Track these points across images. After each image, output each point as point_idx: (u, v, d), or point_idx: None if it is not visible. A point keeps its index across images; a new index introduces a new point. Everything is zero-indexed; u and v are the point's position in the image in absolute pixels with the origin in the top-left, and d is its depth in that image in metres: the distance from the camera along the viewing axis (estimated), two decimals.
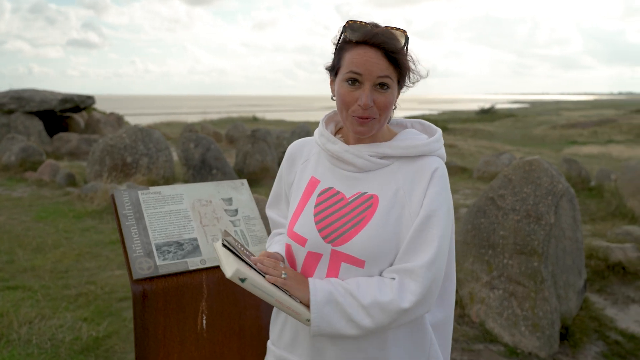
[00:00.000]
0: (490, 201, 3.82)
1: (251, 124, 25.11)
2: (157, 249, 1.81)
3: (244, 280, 1.14)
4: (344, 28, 1.26)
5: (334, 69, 1.30)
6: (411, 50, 1.28)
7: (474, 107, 58.71)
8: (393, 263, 1.26)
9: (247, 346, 1.92)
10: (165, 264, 1.79)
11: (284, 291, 1.18)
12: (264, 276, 1.18)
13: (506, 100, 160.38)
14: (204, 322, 1.84)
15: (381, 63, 1.21)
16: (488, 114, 44.71)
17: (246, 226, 1.99)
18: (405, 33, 1.25)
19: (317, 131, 1.40)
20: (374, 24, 1.24)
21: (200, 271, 1.84)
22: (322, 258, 1.28)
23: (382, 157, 1.31)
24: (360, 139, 1.31)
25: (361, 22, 1.25)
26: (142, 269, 1.76)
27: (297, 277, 1.24)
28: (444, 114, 53.34)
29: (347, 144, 1.34)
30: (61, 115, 15.84)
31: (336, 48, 1.29)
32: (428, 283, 1.20)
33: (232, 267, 1.14)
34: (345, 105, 1.25)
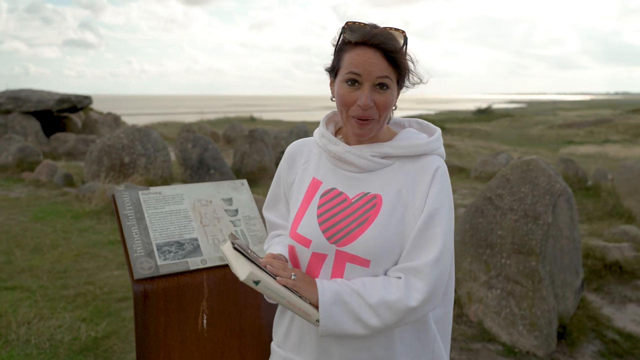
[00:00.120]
0: (488, 201, 3.83)
1: (248, 124, 25.10)
2: (157, 249, 1.82)
3: (257, 283, 1.15)
4: (343, 29, 1.26)
5: (333, 70, 1.31)
6: (410, 51, 1.28)
7: (471, 107, 58.81)
8: (398, 262, 1.27)
9: (247, 346, 1.93)
10: (166, 263, 1.80)
11: (294, 292, 1.19)
12: (274, 278, 1.18)
13: (503, 100, 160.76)
14: (205, 321, 1.85)
15: (380, 63, 1.21)
16: (485, 114, 44.83)
17: (246, 226, 2.00)
18: (404, 33, 1.26)
19: (318, 132, 1.39)
20: (372, 24, 1.25)
21: (201, 271, 1.84)
22: (327, 259, 1.29)
23: (384, 157, 1.31)
24: (361, 139, 1.32)
25: (360, 23, 1.25)
26: (143, 268, 1.76)
27: (305, 278, 1.25)
28: (441, 113, 53.42)
29: (347, 144, 1.34)
30: (58, 116, 15.81)
31: (335, 49, 1.30)
32: (434, 281, 1.21)
33: (246, 270, 1.15)
34: (345, 105, 1.25)
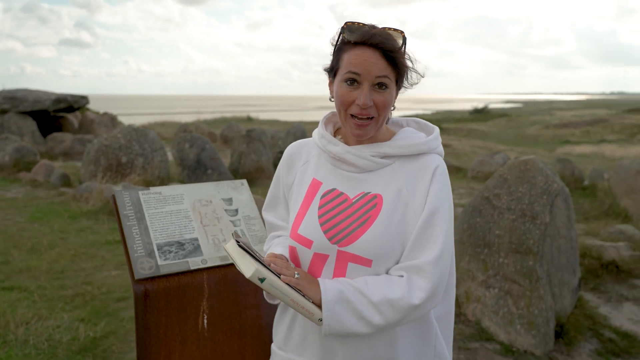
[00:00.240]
0: (486, 200, 3.85)
1: (245, 124, 25.08)
2: (158, 249, 1.82)
3: (262, 281, 1.16)
4: (342, 29, 1.27)
5: (332, 70, 1.31)
6: (409, 51, 1.29)
7: (468, 107, 58.92)
8: (399, 261, 1.28)
9: (247, 345, 1.94)
10: (167, 263, 1.80)
11: (298, 291, 1.20)
12: (278, 277, 1.19)
13: (499, 100, 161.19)
14: (205, 321, 1.85)
15: (379, 63, 1.22)
16: (481, 114, 44.92)
17: (246, 226, 2.00)
18: (402, 34, 1.27)
19: (317, 133, 1.40)
20: (371, 25, 1.26)
21: (201, 271, 1.84)
22: (329, 259, 1.29)
23: (384, 157, 1.32)
24: (360, 139, 1.32)
25: (359, 23, 1.26)
26: (143, 268, 1.77)
27: (308, 278, 1.26)
28: (438, 113, 53.50)
29: (347, 144, 1.34)
30: (55, 116, 15.76)
31: (334, 49, 1.30)
32: (436, 279, 1.22)
33: (252, 268, 1.16)
34: (343, 105, 1.26)
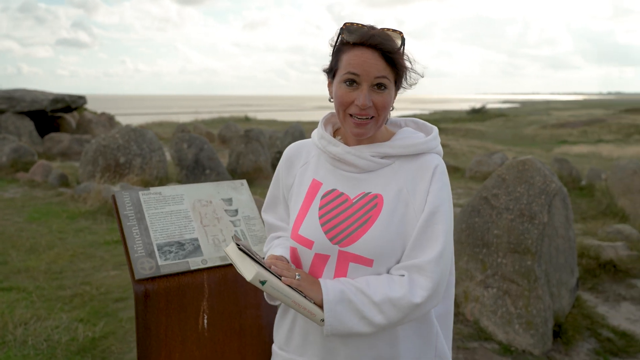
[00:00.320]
0: (484, 200, 3.86)
1: (243, 124, 25.06)
2: (158, 249, 1.83)
3: (264, 283, 1.16)
4: (341, 30, 1.28)
5: (331, 71, 1.32)
6: (408, 51, 1.30)
7: (465, 107, 59.02)
8: (400, 260, 1.28)
9: (247, 345, 1.94)
10: (167, 264, 1.81)
11: (299, 292, 1.21)
12: (279, 278, 1.19)
13: (497, 100, 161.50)
14: (205, 321, 1.86)
15: (378, 64, 1.23)
16: (479, 114, 45.04)
17: (246, 226, 2.01)
18: (401, 34, 1.27)
19: (316, 133, 1.40)
20: (370, 25, 1.26)
21: (202, 271, 1.85)
22: (330, 259, 1.30)
23: (383, 157, 1.32)
24: (360, 139, 1.33)
25: (358, 24, 1.27)
26: (144, 269, 1.77)
27: (309, 278, 1.26)
28: (435, 113, 53.56)
29: (346, 145, 1.35)
30: (52, 116, 15.74)
31: (333, 50, 1.31)
32: (437, 277, 1.23)
33: (253, 271, 1.16)
34: (342, 106, 1.27)
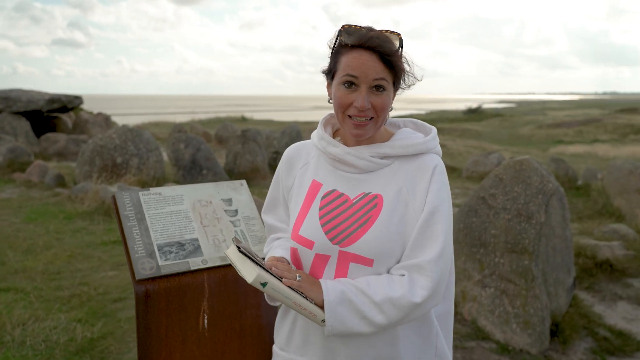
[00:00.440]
0: (482, 200, 3.88)
1: (240, 124, 25.04)
2: (159, 250, 1.83)
3: (264, 285, 1.17)
4: (339, 32, 1.29)
5: (330, 73, 1.33)
6: (406, 53, 1.31)
7: (462, 107, 59.12)
8: (400, 260, 1.29)
9: (247, 345, 1.95)
10: (167, 264, 1.81)
11: (300, 293, 1.21)
12: (280, 280, 1.20)
13: (493, 100, 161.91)
14: (206, 321, 1.86)
15: (377, 66, 1.24)
16: (475, 114, 45.11)
17: (246, 226, 2.01)
18: (399, 36, 1.28)
19: (316, 134, 1.41)
20: (368, 27, 1.27)
21: (202, 271, 1.85)
22: (330, 260, 1.30)
23: (383, 157, 1.34)
24: (359, 140, 1.34)
25: (356, 26, 1.28)
26: (144, 269, 1.78)
27: (310, 279, 1.27)
28: (432, 113, 53.64)
29: (346, 145, 1.36)
30: (48, 116, 15.69)
31: (332, 52, 1.32)
32: (437, 277, 1.23)
33: (254, 273, 1.17)
34: (341, 107, 1.28)
